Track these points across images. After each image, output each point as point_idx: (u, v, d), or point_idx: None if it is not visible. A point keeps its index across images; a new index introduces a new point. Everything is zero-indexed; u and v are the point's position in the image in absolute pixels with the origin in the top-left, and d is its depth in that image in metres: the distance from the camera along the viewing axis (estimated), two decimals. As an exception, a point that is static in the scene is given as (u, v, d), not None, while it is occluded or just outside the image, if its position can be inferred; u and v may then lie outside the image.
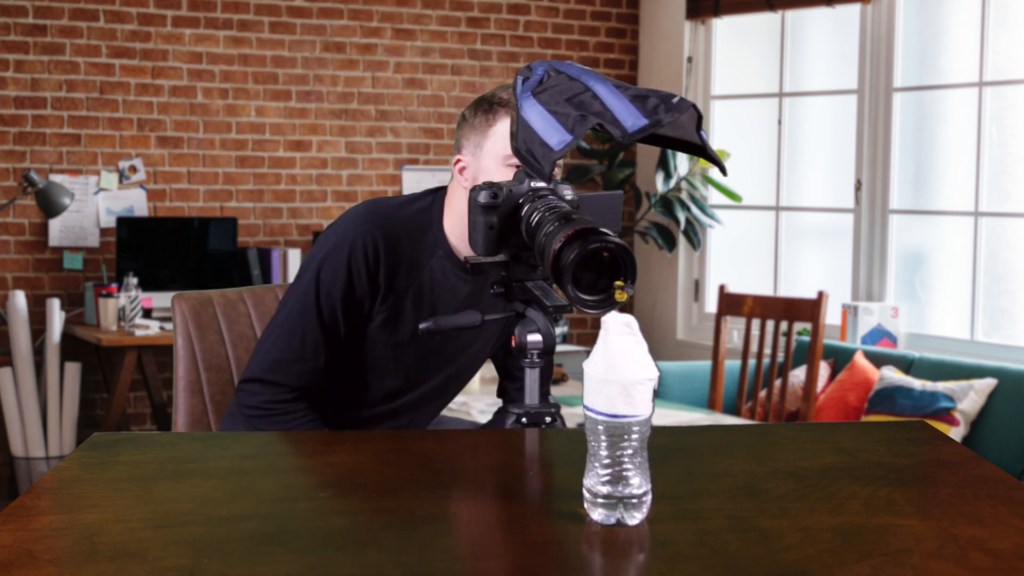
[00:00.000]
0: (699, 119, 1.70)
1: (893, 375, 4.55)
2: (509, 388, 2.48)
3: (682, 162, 6.08)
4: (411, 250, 2.19)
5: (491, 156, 2.14)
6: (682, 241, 6.19)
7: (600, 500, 1.26)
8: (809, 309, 4.41)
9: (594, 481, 1.27)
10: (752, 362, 4.75)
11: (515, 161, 2.09)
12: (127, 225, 5.43)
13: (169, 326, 5.20)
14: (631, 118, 1.62)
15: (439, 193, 2.25)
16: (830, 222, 5.75)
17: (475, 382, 4.22)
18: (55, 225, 5.45)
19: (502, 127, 2.13)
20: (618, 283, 1.46)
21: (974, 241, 5.05)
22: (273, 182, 5.85)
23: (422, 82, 6.09)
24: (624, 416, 1.24)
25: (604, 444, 1.26)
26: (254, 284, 5.55)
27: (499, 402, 2.60)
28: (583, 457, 1.29)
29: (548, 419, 1.83)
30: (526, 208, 1.72)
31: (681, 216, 5.97)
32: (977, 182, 5.04)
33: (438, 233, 2.21)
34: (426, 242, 2.20)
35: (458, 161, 2.19)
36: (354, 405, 2.30)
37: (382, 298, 2.18)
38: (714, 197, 6.12)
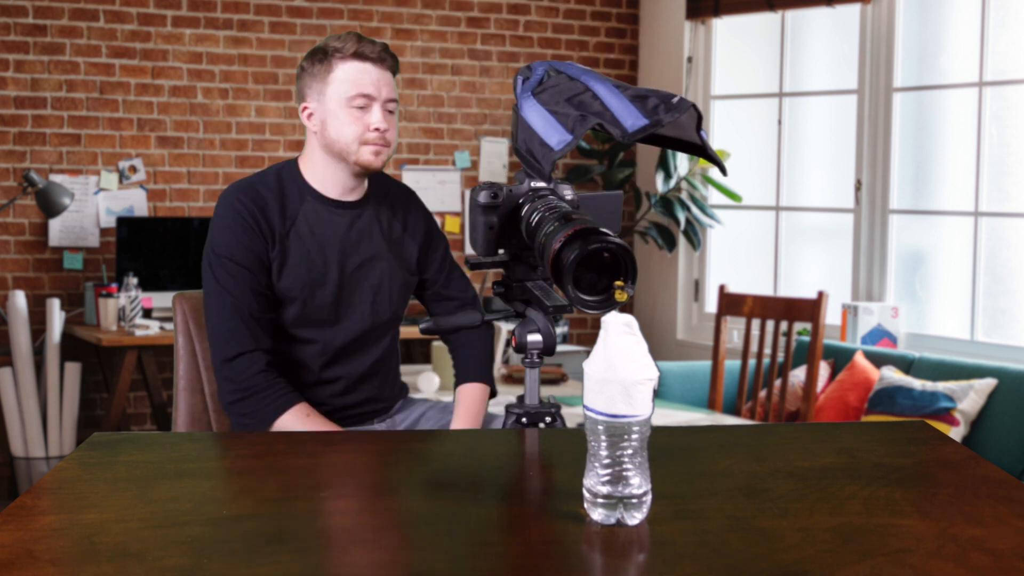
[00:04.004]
0: (699, 119, 1.70)
1: (893, 375, 4.55)
2: (440, 309, 2.61)
3: (682, 162, 6.08)
4: (280, 202, 2.40)
5: (334, 100, 2.36)
6: (682, 241, 6.19)
7: (600, 500, 1.26)
8: (809, 309, 4.41)
9: (594, 481, 1.27)
10: (752, 362, 4.75)
11: (358, 103, 2.36)
12: (127, 225, 5.43)
13: (169, 326, 5.20)
14: (631, 118, 1.62)
15: (292, 158, 2.48)
16: (830, 222, 5.75)
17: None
18: (55, 225, 5.44)
19: (340, 73, 2.36)
20: (618, 283, 1.46)
21: (974, 241, 5.05)
22: (273, 182, 5.85)
23: (422, 82, 6.09)
24: (624, 416, 1.24)
25: (604, 444, 1.26)
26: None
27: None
28: (583, 457, 1.29)
29: (548, 419, 1.83)
30: (526, 208, 1.72)
31: (681, 216, 5.97)
32: (977, 182, 5.04)
33: (301, 184, 2.43)
34: (291, 194, 2.42)
35: (304, 108, 2.42)
36: (301, 366, 2.43)
37: (271, 247, 2.37)
38: (714, 197, 6.12)
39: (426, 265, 2.57)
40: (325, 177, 2.42)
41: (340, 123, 2.36)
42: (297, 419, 2.32)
